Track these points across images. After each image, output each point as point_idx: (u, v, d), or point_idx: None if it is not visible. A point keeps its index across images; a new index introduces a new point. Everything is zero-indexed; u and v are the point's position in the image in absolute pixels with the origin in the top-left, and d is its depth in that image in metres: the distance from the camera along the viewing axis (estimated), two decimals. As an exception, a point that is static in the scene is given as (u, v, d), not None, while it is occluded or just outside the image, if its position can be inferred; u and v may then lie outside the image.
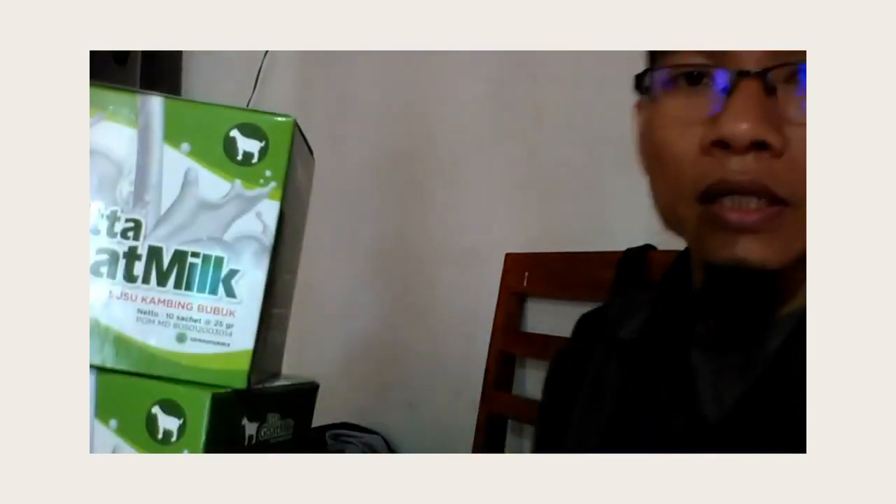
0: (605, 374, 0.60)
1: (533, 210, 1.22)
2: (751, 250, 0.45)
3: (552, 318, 1.16)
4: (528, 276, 1.17)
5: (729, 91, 0.45)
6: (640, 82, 0.51)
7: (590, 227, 1.13)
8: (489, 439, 1.18)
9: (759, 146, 0.44)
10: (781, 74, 0.45)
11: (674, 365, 0.54)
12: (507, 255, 1.21)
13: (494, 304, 1.20)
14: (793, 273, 0.48)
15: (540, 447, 0.69)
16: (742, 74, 0.45)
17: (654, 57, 0.51)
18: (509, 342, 1.19)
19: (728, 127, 0.44)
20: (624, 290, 0.97)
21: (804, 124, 0.44)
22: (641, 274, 0.97)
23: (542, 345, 1.14)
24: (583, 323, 0.68)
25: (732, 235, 0.46)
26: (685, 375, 0.53)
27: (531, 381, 1.20)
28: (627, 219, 1.05)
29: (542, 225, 1.21)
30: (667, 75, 0.48)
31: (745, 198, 0.45)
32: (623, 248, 1.00)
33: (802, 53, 0.44)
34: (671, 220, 0.50)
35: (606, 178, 1.09)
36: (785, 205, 0.45)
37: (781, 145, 0.44)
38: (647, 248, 0.98)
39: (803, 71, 0.44)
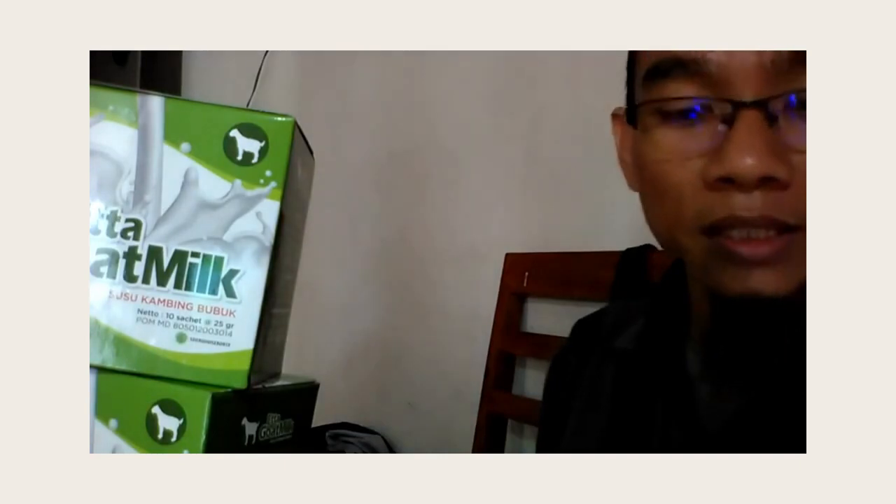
0: (601, 383, 0.60)
1: (533, 210, 1.22)
2: (765, 283, 0.44)
3: (552, 318, 1.16)
4: (528, 276, 1.17)
5: (729, 123, 0.43)
6: (631, 114, 0.49)
7: (590, 227, 1.13)
8: (489, 439, 1.18)
9: (766, 180, 0.42)
10: (781, 103, 0.43)
11: (672, 376, 0.54)
12: (507, 255, 1.21)
13: (494, 304, 1.20)
14: (799, 295, 0.47)
15: (542, 452, 0.69)
16: (742, 105, 0.43)
17: (637, 84, 0.49)
18: (509, 342, 1.19)
19: (734, 163, 0.42)
20: (622, 294, 0.97)
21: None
22: (641, 274, 0.97)
23: (542, 345, 1.14)
24: (579, 329, 0.68)
25: (745, 269, 0.44)
26: (684, 386, 0.53)
27: (531, 381, 1.20)
28: (627, 219, 1.05)
29: (542, 225, 1.21)
30: (660, 105, 0.46)
31: (752, 229, 0.44)
32: (623, 248, 1.00)
33: (799, 80, 0.42)
34: (670, 245, 0.49)
35: (606, 179, 1.09)
36: (793, 231, 0.44)
37: (788, 177, 0.43)
38: (647, 248, 0.98)
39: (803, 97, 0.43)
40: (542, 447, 0.68)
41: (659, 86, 0.46)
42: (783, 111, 0.43)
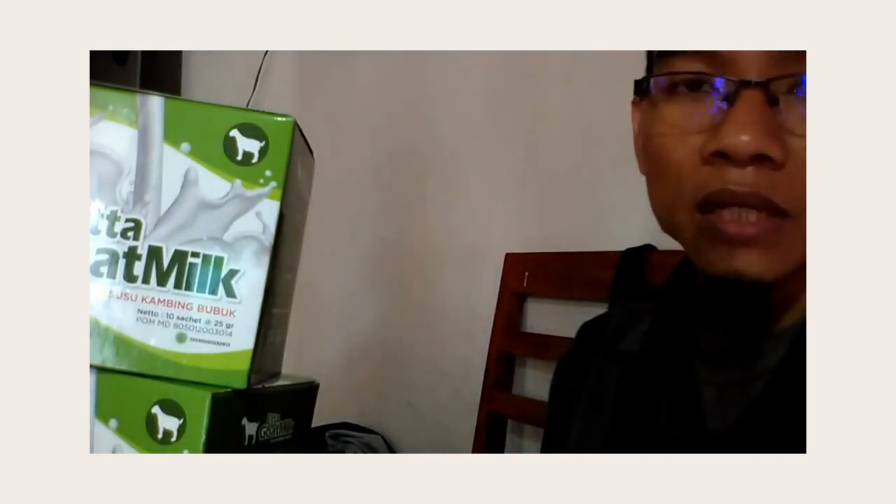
0: (606, 385, 0.60)
1: (533, 210, 1.22)
2: (749, 263, 0.45)
3: (552, 318, 1.16)
4: (528, 276, 1.17)
5: (730, 100, 0.44)
6: (640, 87, 0.50)
7: (590, 227, 1.13)
8: (489, 439, 1.18)
9: (760, 158, 0.43)
10: (784, 85, 0.44)
11: (677, 377, 0.54)
12: (507, 255, 1.21)
13: (494, 304, 1.20)
14: (790, 284, 0.48)
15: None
16: (744, 84, 0.44)
17: (654, 61, 0.50)
18: (509, 342, 1.19)
19: (729, 139, 0.43)
20: (623, 294, 0.97)
21: (806, 135, 0.43)
22: (641, 274, 0.97)
23: (542, 345, 1.14)
24: (584, 332, 0.68)
25: (731, 248, 0.45)
26: (689, 388, 0.53)
27: (531, 381, 1.20)
28: (627, 219, 1.05)
29: (542, 225, 1.21)
30: (667, 82, 0.48)
31: (744, 210, 0.44)
32: (623, 248, 1.00)
33: (804, 63, 0.43)
34: (668, 225, 0.50)
35: (606, 178, 1.09)
36: (784, 216, 0.45)
37: (783, 157, 0.44)
38: (647, 248, 0.98)
39: (805, 81, 0.44)
40: (547, 450, 0.68)
41: (669, 62, 0.48)
42: (785, 94, 0.44)
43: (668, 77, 0.48)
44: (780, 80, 0.44)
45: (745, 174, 0.44)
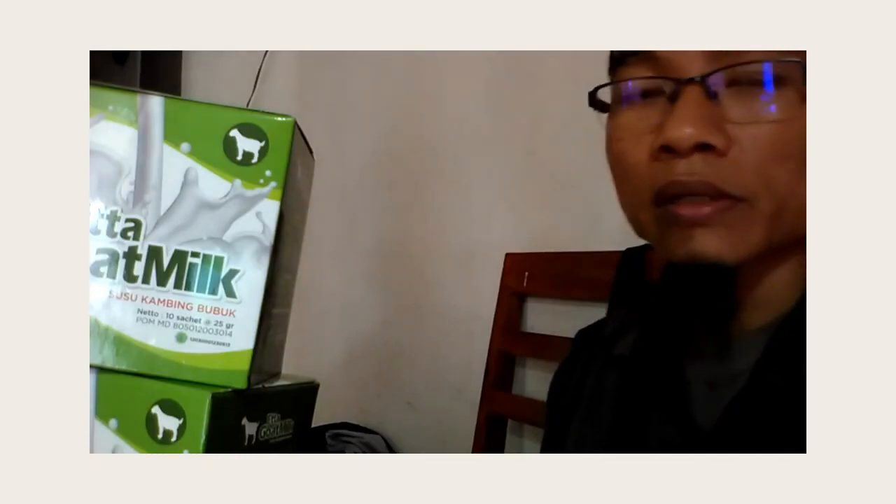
0: (602, 390, 0.60)
1: (533, 210, 1.22)
2: (706, 244, 0.47)
3: (552, 318, 1.16)
4: (528, 276, 1.17)
5: (674, 99, 0.47)
6: (591, 100, 0.53)
7: (590, 227, 1.13)
8: (489, 439, 1.18)
9: (703, 147, 0.46)
10: (723, 78, 0.46)
11: (667, 378, 0.54)
12: (507, 255, 1.21)
13: (494, 304, 1.20)
14: (756, 280, 0.50)
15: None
16: (682, 82, 0.46)
17: (611, 73, 0.53)
18: (509, 342, 1.19)
19: (672, 132, 0.46)
20: (622, 294, 0.97)
21: (748, 123, 0.46)
22: (641, 274, 0.97)
23: (542, 345, 1.14)
24: (580, 339, 0.68)
25: (688, 231, 0.47)
26: (678, 387, 0.53)
27: (531, 381, 1.20)
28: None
29: (542, 225, 1.21)
30: (618, 90, 0.51)
31: (696, 197, 0.47)
32: (623, 248, 1.00)
33: (744, 54, 0.45)
34: (636, 226, 0.52)
35: (606, 178, 1.09)
36: (737, 200, 0.46)
37: (725, 145, 0.46)
38: (647, 248, 0.98)
39: (762, 72, 0.46)
40: (546, 453, 0.68)
41: (618, 72, 0.51)
42: (726, 87, 0.47)
43: (619, 86, 0.50)
44: (715, 74, 0.46)
45: (691, 164, 0.46)
